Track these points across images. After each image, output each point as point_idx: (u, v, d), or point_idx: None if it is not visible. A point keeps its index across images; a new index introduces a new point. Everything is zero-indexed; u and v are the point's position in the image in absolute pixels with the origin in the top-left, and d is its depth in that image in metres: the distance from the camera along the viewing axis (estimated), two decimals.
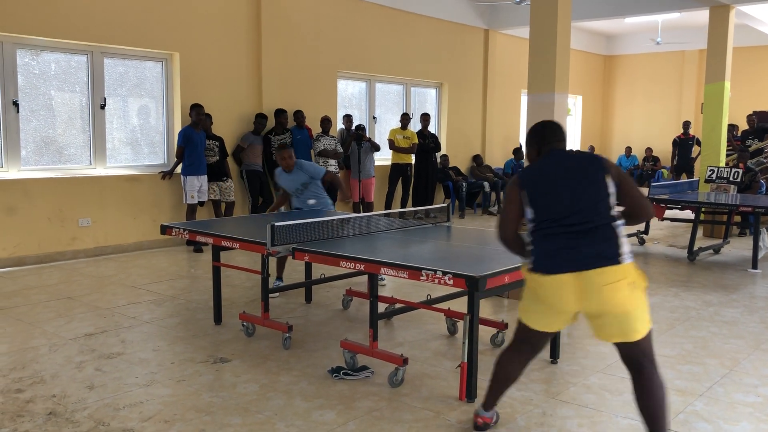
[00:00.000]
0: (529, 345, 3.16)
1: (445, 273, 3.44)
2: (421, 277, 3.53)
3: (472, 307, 3.64)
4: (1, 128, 7.41)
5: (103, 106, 8.15)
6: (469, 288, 3.39)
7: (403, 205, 11.26)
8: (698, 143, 12.78)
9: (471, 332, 3.66)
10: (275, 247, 4.15)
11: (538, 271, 2.95)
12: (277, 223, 4.21)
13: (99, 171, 8.16)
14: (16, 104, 7.46)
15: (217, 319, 5.18)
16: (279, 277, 6.23)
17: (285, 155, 6.07)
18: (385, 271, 3.70)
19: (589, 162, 3.00)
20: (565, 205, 2.94)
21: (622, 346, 2.93)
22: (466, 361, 3.69)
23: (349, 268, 3.90)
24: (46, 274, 6.96)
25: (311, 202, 6.15)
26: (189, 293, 6.16)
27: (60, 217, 7.63)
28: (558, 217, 2.94)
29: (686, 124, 13.92)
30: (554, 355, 4.36)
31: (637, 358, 2.92)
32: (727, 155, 10.96)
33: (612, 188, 2.92)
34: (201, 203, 8.54)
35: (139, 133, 8.75)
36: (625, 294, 2.80)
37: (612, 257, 2.83)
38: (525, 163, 7.95)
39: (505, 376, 3.24)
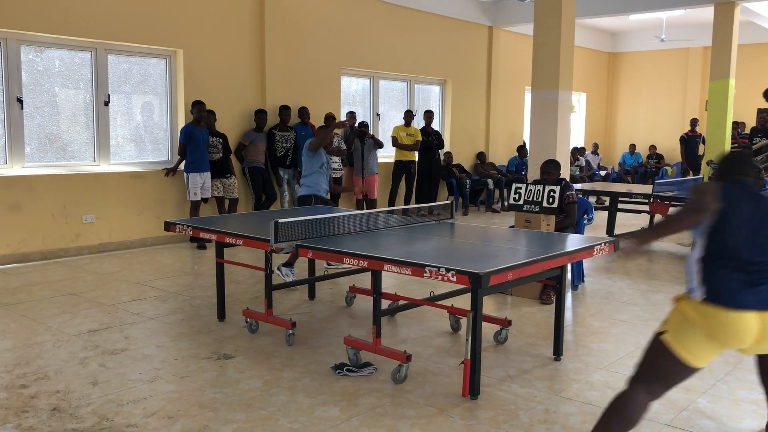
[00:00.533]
0: (669, 383, 2.81)
1: (448, 270, 3.44)
2: (425, 274, 3.53)
3: (476, 303, 3.64)
4: (5, 125, 7.43)
5: (107, 103, 8.16)
6: (473, 285, 3.38)
7: (407, 203, 11.26)
8: (704, 141, 12.75)
9: (474, 329, 3.66)
10: (279, 244, 4.15)
11: (716, 303, 2.61)
12: (280, 220, 4.21)
13: (103, 168, 8.18)
14: (20, 101, 7.48)
15: (221, 315, 5.19)
16: (290, 264, 6.14)
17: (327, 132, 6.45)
18: (389, 267, 3.70)
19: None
20: (758, 240, 2.69)
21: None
22: (469, 358, 3.68)
23: (353, 264, 3.90)
24: (50, 270, 6.98)
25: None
26: (193, 290, 6.17)
27: (64, 214, 7.65)
28: (747, 249, 2.66)
29: (693, 122, 13.88)
30: (557, 353, 4.36)
31: None
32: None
33: None
34: (204, 200, 8.55)
35: (143, 129, 8.76)
36: None
37: None
38: (529, 160, 7.96)
39: (624, 424, 2.78)
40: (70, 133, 8.07)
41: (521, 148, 13.39)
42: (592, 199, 11.53)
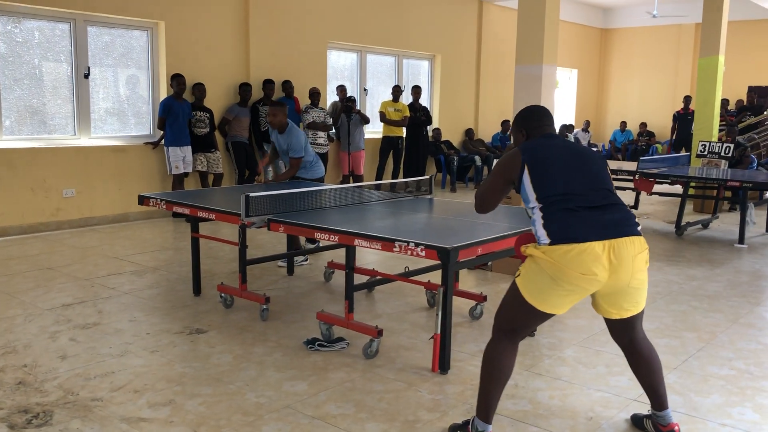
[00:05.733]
0: (527, 332, 2.95)
1: (417, 245, 3.40)
2: (394, 249, 3.50)
3: (446, 278, 3.61)
4: None
5: (87, 76, 8.04)
6: (441, 259, 3.36)
7: (394, 179, 11.20)
8: None
9: (445, 304, 3.63)
10: (250, 218, 4.11)
11: (563, 241, 2.67)
12: (252, 194, 4.16)
13: (83, 141, 8.08)
14: None
15: (197, 290, 5.16)
16: (298, 247, 6.03)
17: (271, 111, 5.92)
18: (359, 242, 3.66)
19: (592, 151, 3.04)
20: (580, 182, 2.81)
21: (621, 321, 2.90)
22: (439, 332, 3.67)
23: (324, 239, 3.86)
24: (28, 244, 6.93)
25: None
26: (171, 265, 6.13)
27: (44, 188, 7.57)
28: (576, 193, 2.77)
29: (687, 99, 13.80)
30: None
31: (635, 329, 2.95)
32: (720, 130, 10.89)
33: None
34: (186, 174, 8.47)
35: (126, 103, 8.65)
36: (645, 266, 2.80)
37: (636, 227, 2.79)
38: (512, 140, 7.88)
39: (503, 375, 2.85)
40: (51, 106, 7.96)
41: (505, 123, 13.31)
42: None
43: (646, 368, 2.99)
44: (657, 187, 8.52)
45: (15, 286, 5.31)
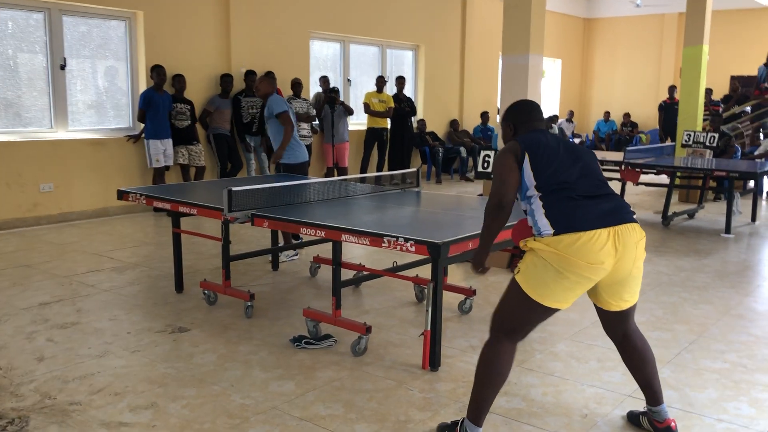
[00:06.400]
0: (529, 329, 2.81)
1: (407, 239, 3.31)
2: (383, 244, 3.40)
3: (436, 274, 3.52)
4: None
5: (63, 67, 7.83)
6: (432, 255, 3.26)
7: (379, 171, 11.08)
8: None
9: (435, 299, 3.54)
10: (233, 213, 3.98)
11: (568, 230, 2.59)
12: (235, 188, 4.04)
13: (60, 134, 7.87)
14: None
15: (179, 287, 5.02)
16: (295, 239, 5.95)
17: (257, 78, 6.03)
18: (347, 237, 3.56)
19: (583, 147, 2.97)
20: (576, 173, 2.74)
21: (617, 314, 2.86)
22: (429, 329, 3.58)
23: (310, 234, 3.75)
24: (4, 240, 6.74)
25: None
26: (152, 260, 5.99)
27: (19, 183, 7.37)
28: (572, 182, 2.71)
29: (672, 89, 13.77)
30: None
31: (629, 322, 2.91)
32: (704, 120, 10.89)
33: None
34: (166, 168, 8.30)
35: (104, 95, 8.45)
36: (644, 254, 2.77)
37: (633, 214, 2.76)
38: (497, 130, 7.80)
39: (500, 377, 2.73)
40: (26, 98, 7.74)
41: (484, 114, 13.25)
42: None
43: (640, 362, 2.94)
44: (643, 177, 8.48)
45: None
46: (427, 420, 3.06)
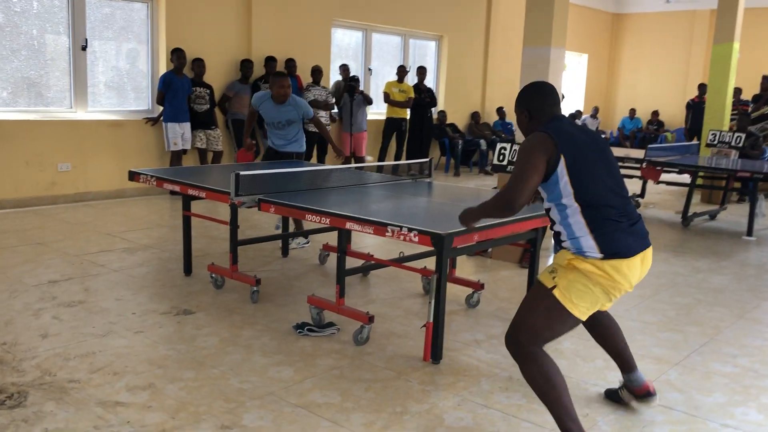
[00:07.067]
0: (555, 335, 2.75)
1: (411, 230, 3.26)
2: (387, 233, 3.35)
3: (440, 265, 3.46)
4: None
5: (84, 48, 7.87)
6: (435, 246, 3.21)
7: (397, 161, 11.01)
8: None
9: (438, 292, 3.49)
10: (240, 197, 3.96)
11: (616, 257, 2.56)
12: (243, 172, 4.02)
13: (80, 115, 7.93)
14: None
15: (187, 270, 5.03)
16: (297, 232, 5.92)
17: (284, 83, 5.61)
18: (351, 225, 3.52)
19: (603, 139, 2.86)
20: (609, 181, 2.64)
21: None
22: (431, 321, 3.53)
23: (315, 222, 3.72)
24: (21, 218, 6.81)
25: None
26: (164, 243, 6.01)
27: (38, 161, 7.43)
28: (610, 197, 2.62)
29: (702, 87, 13.49)
30: None
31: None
32: (731, 119, 10.65)
33: None
34: (184, 151, 8.32)
35: (125, 77, 8.48)
36: None
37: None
38: (514, 125, 7.68)
39: (560, 382, 2.65)
40: (48, 78, 7.80)
41: (500, 110, 13.11)
42: None
43: (610, 333, 3.05)
44: (664, 176, 8.32)
45: (3, 261, 5.20)
46: (423, 412, 3.02)
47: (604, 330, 3.04)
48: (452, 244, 3.21)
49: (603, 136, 15.60)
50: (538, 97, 2.81)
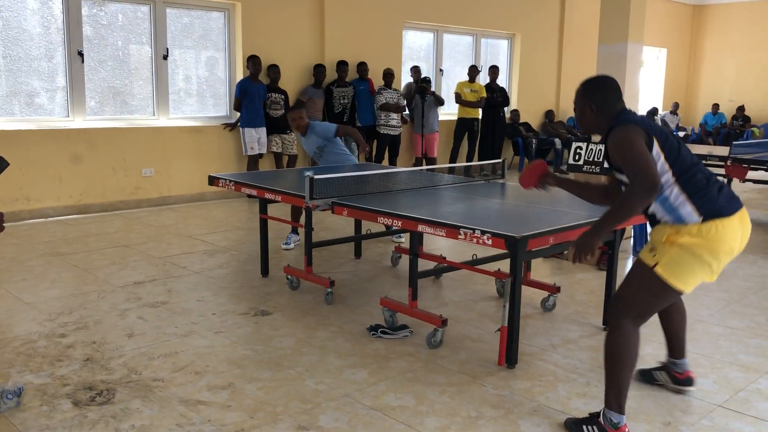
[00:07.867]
0: (655, 310, 2.85)
1: (483, 232, 3.23)
2: (459, 236, 3.34)
3: (515, 268, 3.42)
4: (67, 78, 7.56)
5: (165, 57, 8.19)
6: (509, 249, 3.17)
7: (469, 162, 10.94)
8: None
9: (513, 295, 3.45)
10: (314, 201, 4.03)
11: (715, 217, 2.62)
12: (317, 176, 4.08)
13: (162, 122, 8.25)
14: (81, 54, 7.57)
15: (264, 271, 5.15)
16: (295, 231, 6.06)
17: (294, 116, 5.68)
18: (423, 228, 3.52)
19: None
20: (690, 155, 2.74)
21: None
22: (506, 324, 3.49)
23: (387, 224, 3.74)
24: (107, 222, 7.14)
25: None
26: (242, 245, 6.17)
27: (123, 167, 7.78)
28: (696, 165, 2.71)
29: None
30: (607, 322, 4.09)
31: None
32: None
33: None
34: (260, 155, 8.54)
35: (204, 84, 8.78)
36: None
37: None
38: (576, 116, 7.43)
39: (634, 359, 2.74)
40: (132, 87, 8.15)
41: (549, 113, 12.80)
42: None
43: (678, 316, 3.13)
44: (751, 174, 7.93)
45: (92, 263, 5.47)
46: (499, 417, 2.99)
47: (674, 310, 3.10)
48: (527, 247, 3.16)
49: (683, 133, 15.05)
50: (606, 92, 2.83)
